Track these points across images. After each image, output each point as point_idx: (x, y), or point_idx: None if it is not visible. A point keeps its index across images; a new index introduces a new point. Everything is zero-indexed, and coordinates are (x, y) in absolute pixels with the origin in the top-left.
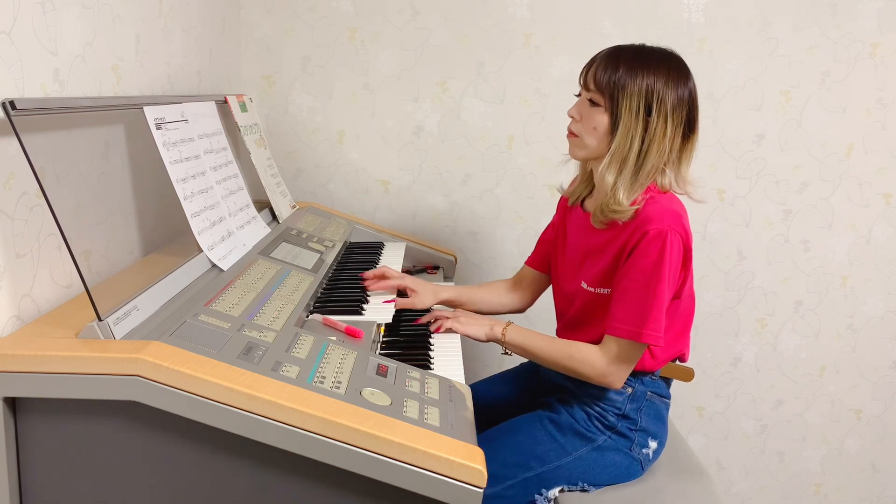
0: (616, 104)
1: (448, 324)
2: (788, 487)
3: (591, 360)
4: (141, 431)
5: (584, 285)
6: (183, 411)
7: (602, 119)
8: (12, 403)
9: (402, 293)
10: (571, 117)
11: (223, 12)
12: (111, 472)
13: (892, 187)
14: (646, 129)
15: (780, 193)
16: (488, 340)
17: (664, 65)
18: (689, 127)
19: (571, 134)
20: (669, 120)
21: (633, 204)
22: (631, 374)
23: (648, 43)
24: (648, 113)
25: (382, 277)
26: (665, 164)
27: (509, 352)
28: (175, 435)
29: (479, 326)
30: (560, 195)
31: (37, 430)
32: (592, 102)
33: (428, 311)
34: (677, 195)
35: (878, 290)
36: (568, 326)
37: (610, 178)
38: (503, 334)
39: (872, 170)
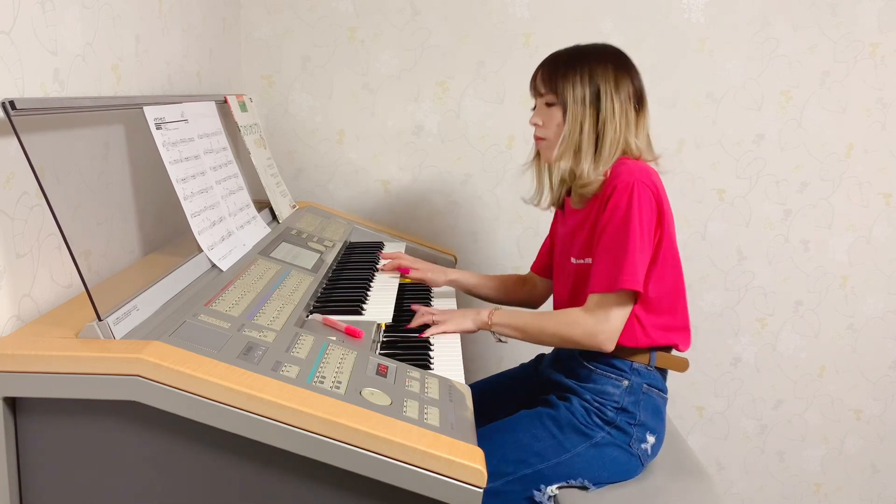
0: (563, 98)
1: (436, 329)
2: (788, 487)
3: (578, 319)
4: (141, 431)
5: (573, 260)
6: (183, 411)
7: (560, 115)
8: (12, 403)
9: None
10: (535, 125)
11: (223, 12)
12: (111, 472)
13: (892, 187)
14: (598, 112)
15: (780, 193)
16: (478, 329)
17: (601, 56)
18: (637, 101)
19: (539, 139)
20: (616, 99)
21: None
22: (625, 364)
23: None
24: (597, 98)
25: (396, 260)
26: (627, 135)
27: (503, 339)
28: (175, 435)
29: (464, 318)
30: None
31: (37, 430)
32: (548, 104)
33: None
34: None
35: (878, 290)
36: (562, 306)
37: (565, 164)
38: (490, 318)
39: (872, 170)
